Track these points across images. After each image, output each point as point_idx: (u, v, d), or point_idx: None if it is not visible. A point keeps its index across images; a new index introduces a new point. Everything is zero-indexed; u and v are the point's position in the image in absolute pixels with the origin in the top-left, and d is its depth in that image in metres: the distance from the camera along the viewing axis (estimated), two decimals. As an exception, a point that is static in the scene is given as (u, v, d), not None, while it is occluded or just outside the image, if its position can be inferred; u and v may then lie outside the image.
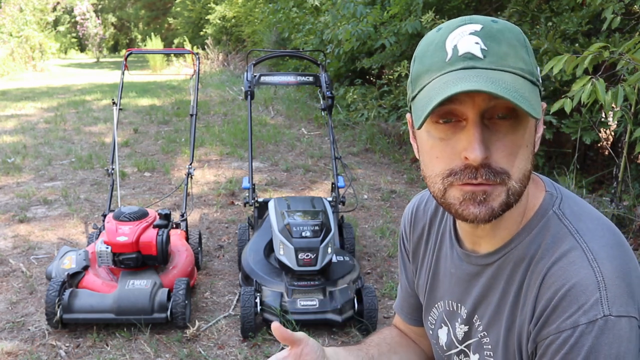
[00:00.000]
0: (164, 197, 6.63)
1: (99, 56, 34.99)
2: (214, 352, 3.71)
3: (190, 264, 4.35)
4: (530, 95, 1.08)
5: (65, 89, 16.91)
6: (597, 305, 1.07)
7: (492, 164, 1.11)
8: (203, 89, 14.79)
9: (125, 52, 5.89)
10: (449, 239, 1.44)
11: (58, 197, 6.71)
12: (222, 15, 23.40)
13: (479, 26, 1.12)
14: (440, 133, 1.15)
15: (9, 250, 5.24)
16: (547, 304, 1.14)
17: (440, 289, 1.48)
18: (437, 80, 1.11)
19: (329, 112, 5.19)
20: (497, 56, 1.10)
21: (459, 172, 1.13)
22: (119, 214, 4.15)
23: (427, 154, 1.21)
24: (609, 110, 5.29)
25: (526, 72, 1.11)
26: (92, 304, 3.82)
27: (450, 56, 1.12)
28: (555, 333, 1.11)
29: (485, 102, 1.08)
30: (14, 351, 3.70)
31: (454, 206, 1.17)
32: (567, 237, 1.18)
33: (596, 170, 6.61)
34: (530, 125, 1.15)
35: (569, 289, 1.10)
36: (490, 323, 1.31)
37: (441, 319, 1.48)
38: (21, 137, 9.94)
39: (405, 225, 1.62)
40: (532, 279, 1.19)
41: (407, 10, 7.56)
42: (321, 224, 3.96)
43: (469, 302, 1.36)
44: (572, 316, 1.09)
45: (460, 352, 1.42)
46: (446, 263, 1.45)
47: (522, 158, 1.14)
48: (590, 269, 1.11)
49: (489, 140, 1.10)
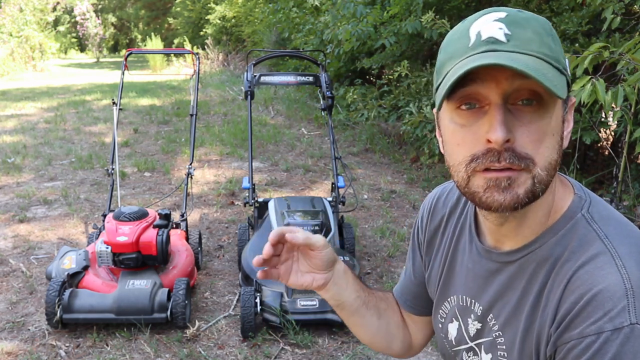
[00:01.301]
0: (164, 197, 6.63)
1: (99, 56, 34.97)
2: (214, 352, 3.71)
3: (190, 264, 4.36)
4: (555, 78, 1.05)
5: (65, 89, 16.92)
6: (624, 312, 1.02)
7: (516, 148, 1.07)
8: (203, 89, 14.78)
9: (125, 52, 5.89)
10: (469, 233, 1.40)
11: (58, 197, 6.71)
12: (222, 15, 23.39)
13: (504, 14, 1.10)
14: (462, 119, 1.12)
15: (9, 250, 5.24)
16: (571, 307, 1.10)
17: (454, 283, 1.45)
18: (459, 63, 1.09)
19: (329, 112, 5.19)
20: (520, 40, 1.06)
21: (482, 157, 1.09)
22: (119, 214, 4.15)
23: (449, 143, 1.18)
24: (609, 110, 5.28)
25: (551, 59, 1.07)
26: (92, 304, 3.83)
27: (473, 41, 1.09)
28: (577, 338, 1.06)
29: (509, 83, 1.05)
30: (14, 351, 3.71)
31: (478, 194, 1.13)
32: (596, 241, 1.14)
33: (596, 170, 6.59)
34: (556, 113, 1.11)
35: (596, 294, 1.06)
36: (506, 323, 1.27)
37: (452, 314, 1.45)
38: (21, 137, 9.94)
39: (424, 214, 1.58)
40: (557, 280, 1.16)
41: (407, 11, 7.56)
42: (321, 224, 3.97)
43: (484, 299, 1.33)
44: (597, 322, 1.04)
45: (470, 349, 1.39)
46: (463, 257, 1.41)
47: (549, 146, 1.10)
48: (619, 275, 1.07)
49: (513, 125, 1.07)
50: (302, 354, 3.71)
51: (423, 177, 7.35)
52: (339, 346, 3.76)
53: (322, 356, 3.69)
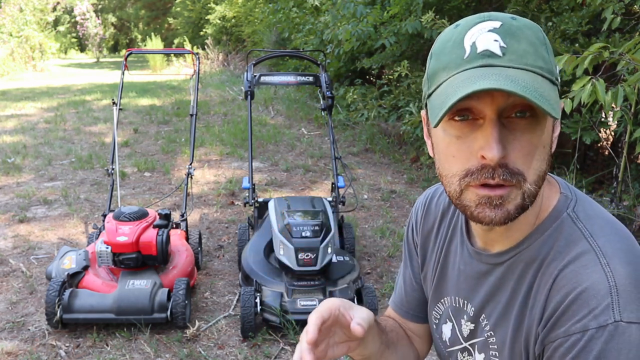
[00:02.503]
0: (164, 197, 6.63)
1: (99, 56, 34.98)
2: (214, 352, 3.71)
3: (190, 264, 4.35)
4: (550, 94, 1.06)
5: (65, 89, 16.91)
6: (608, 310, 1.05)
7: (509, 164, 1.09)
8: (203, 89, 14.79)
9: (125, 52, 5.89)
10: (460, 235, 1.42)
11: (58, 197, 6.71)
12: (222, 15, 23.38)
13: (498, 23, 1.10)
14: (456, 131, 1.13)
15: (9, 250, 5.24)
16: (557, 306, 1.12)
17: (447, 284, 1.47)
18: (455, 77, 1.10)
19: (329, 112, 5.20)
20: (516, 54, 1.08)
21: (476, 172, 1.11)
22: (119, 214, 4.15)
23: (442, 153, 1.19)
24: (609, 110, 5.29)
25: (545, 71, 1.09)
26: (92, 304, 3.82)
27: (468, 53, 1.10)
28: (564, 336, 1.09)
29: (504, 100, 1.06)
30: (14, 351, 3.70)
31: (470, 208, 1.15)
32: (581, 240, 1.16)
33: (596, 170, 6.61)
34: (548, 125, 1.14)
35: (580, 293, 1.09)
36: (497, 323, 1.29)
37: (446, 315, 1.47)
38: (21, 137, 9.94)
39: (417, 217, 1.59)
40: (543, 280, 1.18)
41: (407, 11, 7.55)
42: (321, 224, 3.96)
43: (476, 300, 1.35)
44: (582, 320, 1.07)
45: (464, 350, 1.41)
46: (455, 259, 1.43)
47: (539, 159, 1.12)
48: (603, 273, 1.09)
49: (506, 139, 1.08)
50: (302, 354, 3.70)
51: (423, 177, 7.34)
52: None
53: (322, 356, 3.68)
